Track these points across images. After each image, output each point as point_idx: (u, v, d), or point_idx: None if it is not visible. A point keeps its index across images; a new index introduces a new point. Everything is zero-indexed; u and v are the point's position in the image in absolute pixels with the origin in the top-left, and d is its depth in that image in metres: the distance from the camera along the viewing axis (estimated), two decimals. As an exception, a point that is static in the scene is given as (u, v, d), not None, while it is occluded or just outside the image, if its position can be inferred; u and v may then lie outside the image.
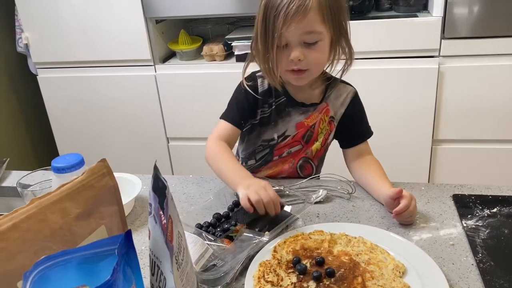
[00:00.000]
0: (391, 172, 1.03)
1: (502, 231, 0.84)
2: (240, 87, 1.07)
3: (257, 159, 1.11)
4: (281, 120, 1.06)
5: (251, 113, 1.06)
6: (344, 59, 1.02)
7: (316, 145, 1.09)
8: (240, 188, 0.88)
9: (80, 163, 0.76)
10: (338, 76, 1.06)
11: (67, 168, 0.74)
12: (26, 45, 2.09)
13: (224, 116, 1.07)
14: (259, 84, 1.05)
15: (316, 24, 0.92)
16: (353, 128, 1.09)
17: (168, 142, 2.16)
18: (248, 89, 1.05)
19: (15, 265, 0.52)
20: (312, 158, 1.11)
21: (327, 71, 1.06)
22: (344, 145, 1.11)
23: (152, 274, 0.61)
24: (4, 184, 1.18)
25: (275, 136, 1.07)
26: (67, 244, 0.56)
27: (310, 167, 1.12)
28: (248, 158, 1.11)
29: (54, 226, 0.55)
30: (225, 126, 1.05)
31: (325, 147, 1.12)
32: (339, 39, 0.98)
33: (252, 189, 0.86)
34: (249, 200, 0.85)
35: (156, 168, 0.60)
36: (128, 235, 0.52)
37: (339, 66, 1.06)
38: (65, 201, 0.57)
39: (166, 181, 0.58)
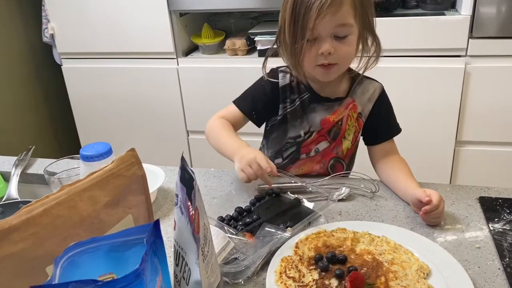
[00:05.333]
0: (412, 171, 1.02)
1: (531, 236, 0.82)
2: (261, 80, 1.07)
3: (284, 157, 1.10)
4: (306, 116, 1.05)
5: (267, 109, 1.06)
6: (366, 56, 1.01)
7: (347, 144, 1.07)
8: (235, 160, 0.94)
9: (108, 152, 0.76)
10: (361, 72, 1.05)
11: (95, 157, 0.75)
12: (52, 35, 2.13)
13: (236, 102, 1.08)
14: (280, 79, 1.05)
15: (349, 17, 0.91)
16: (381, 124, 1.07)
17: (188, 135, 2.17)
18: (270, 80, 1.05)
19: (44, 251, 0.53)
20: (343, 157, 1.10)
21: (352, 67, 1.05)
22: (371, 142, 1.09)
23: (176, 265, 0.62)
24: (29, 171, 1.19)
25: (302, 133, 1.06)
26: (95, 232, 0.57)
27: (341, 167, 1.11)
28: (275, 156, 1.11)
29: (83, 213, 0.56)
30: (233, 110, 1.07)
31: (355, 146, 1.10)
32: (366, 34, 0.97)
33: (245, 162, 0.90)
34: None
35: (183, 159, 0.60)
36: (156, 225, 0.52)
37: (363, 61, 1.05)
38: (94, 189, 0.57)
39: (193, 173, 0.58)
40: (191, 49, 2.13)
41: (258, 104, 1.06)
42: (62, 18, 2.07)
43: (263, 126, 1.13)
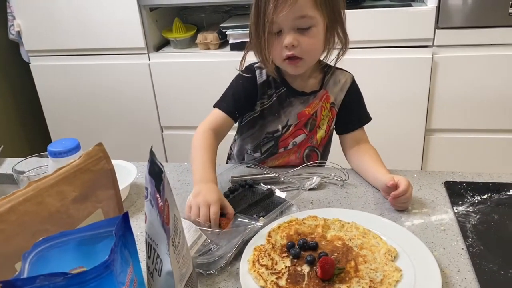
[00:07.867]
0: (384, 161, 1.04)
1: (492, 217, 0.85)
2: (238, 77, 1.07)
3: (262, 151, 1.11)
4: (283, 110, 1.06)
5: (248, 105, 1.06)
6: (339, 48, 1.03)
7: (321, 133, 1.09)
8: (193, 191, 0.87)
9: (76, 147, 0.76)
10: (332, 64, 1.07)
11: (63, 153, 0.74)
12: (18, 33, 2.08)
13: (218, 105, 1.05)
14: (257, 75, 1.05)
15: (308, 9, 0.91)
16: (352, 113, 1.09)
17: (162, 131, 2.16)
18: (248, 78, 1.04)
19: (13, 247, 0.53)
20: (317, 146, 1.11)
21: (322, 59, 1.06)
22: (342, 131, 1.11)
23: (149, 257, 0.62)
24: (-2, 171, 1.17)
25: (279, 127, 1.07)
26: (64, 227, 0.57)
27: (316, 155, 1.12)
28: (254, 151, 1.12)
29: (52, 208, 0.56)
30: (218, 115, 1.04)
31: (329, 134, 1.12)
32: (335, 27, 0.98)
33: (196, 202, 0.84)
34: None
35: (152, 153, 0.61)
36: (125, 217, 0.53)
37: (333, 54, 1.06)
38: (62, 184, 0.57)
39: (162, 166, 0.59)
40: (163, 44, 2.11)
41: (239, 102, 1.04)
42: (28, 15, 2.02)
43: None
